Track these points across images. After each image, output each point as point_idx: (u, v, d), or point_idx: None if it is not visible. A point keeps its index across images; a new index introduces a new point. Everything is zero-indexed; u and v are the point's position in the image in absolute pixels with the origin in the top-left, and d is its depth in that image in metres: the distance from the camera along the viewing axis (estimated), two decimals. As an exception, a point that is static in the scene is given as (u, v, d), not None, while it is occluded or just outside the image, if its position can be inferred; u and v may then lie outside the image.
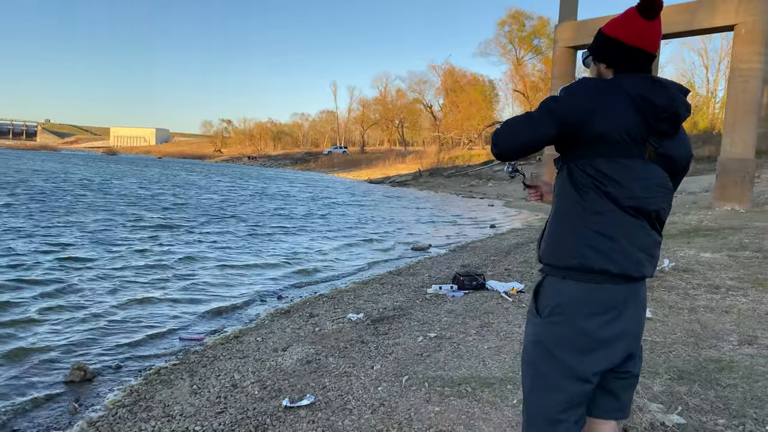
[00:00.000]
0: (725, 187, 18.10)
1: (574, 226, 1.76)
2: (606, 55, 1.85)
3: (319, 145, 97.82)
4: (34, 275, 7.55)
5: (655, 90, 1.72)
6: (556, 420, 1.75)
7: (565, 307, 1.74)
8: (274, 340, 5.19)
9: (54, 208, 15.38)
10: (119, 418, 3.59)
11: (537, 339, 1.80)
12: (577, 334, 1.72)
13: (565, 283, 1.75)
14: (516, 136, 1.79)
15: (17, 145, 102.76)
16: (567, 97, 1.74)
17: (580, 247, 1.72)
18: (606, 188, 1.72)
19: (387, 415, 3.40)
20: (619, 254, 1.71)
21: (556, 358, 1.74)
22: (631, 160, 1.71)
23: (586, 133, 1.70)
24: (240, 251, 10.70)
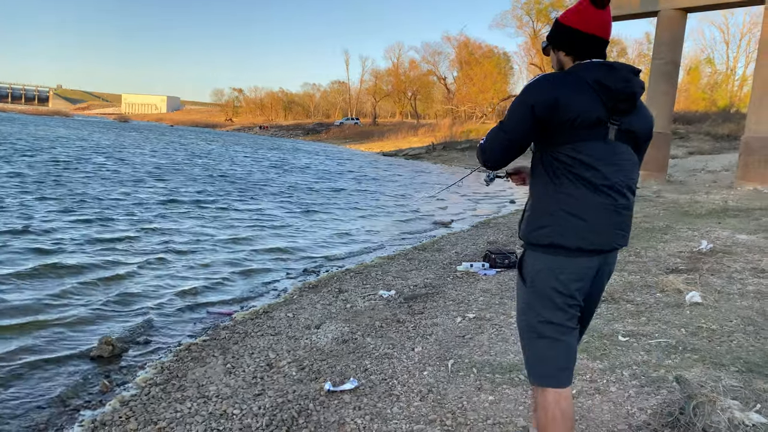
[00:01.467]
0: (748, 167, 17.62)
1: (549, 208, 1.96)
2: (565, 44, 2.04)
3: (330, 116, 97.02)
4: (61, 246, 7.40)
5: (610, 75, 1.91)
6: (558, 367, 2.04)
7: (543, 274, 1.99)
8: (306, 316, 5.01)
9: (83, 180, 15.24)
10: (153, 398, 3.43)
11: (526, 304, 2.07)
12: (556, 294, 1.98)
13: (541, 255, 2.00)
14: (501, 143, 1.99)
15: (30, 110, 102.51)
16: (533, 93, 1.90)
17: (555, 228, 1.94)
18: (577, 171, 1.91)
19: (438, 404, 3.21)
20: (591, 233, 1.93)
21: (543, 317, 2.01)
22: (597, 142, 1.91)
23: (555, 123, 1.89)
24: (263, 225, 10.52)
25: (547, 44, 2.12)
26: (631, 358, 3.73)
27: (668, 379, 3.34)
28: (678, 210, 11.73)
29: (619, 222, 1.99)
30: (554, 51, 2.09)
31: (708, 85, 51.05)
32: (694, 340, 3.99)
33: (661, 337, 4.09)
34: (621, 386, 3.33)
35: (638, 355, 3.78)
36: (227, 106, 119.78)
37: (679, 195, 15.20)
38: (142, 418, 3.14)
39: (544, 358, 2.05)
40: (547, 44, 2.13)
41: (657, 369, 3.53)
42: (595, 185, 1.92)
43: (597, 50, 2.00)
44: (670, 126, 21.02)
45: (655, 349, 3.86)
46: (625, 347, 3.93)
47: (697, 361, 3.62)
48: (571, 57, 2.03)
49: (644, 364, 3.62)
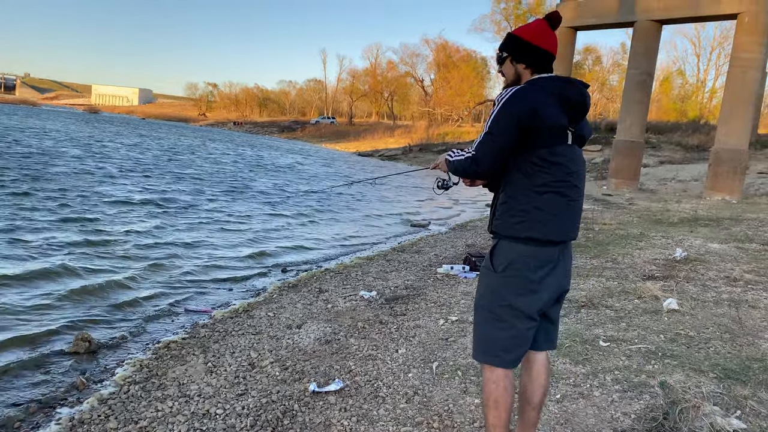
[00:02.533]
0: (717, 177, 18.08)
1: (525, 205, 2.16)
2: (525, 57, 2.28)
3: (306, 114, 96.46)
4: (38, 244, 7.19)
5: (569, 88, 2.19)
6: (506, 349, 2.22)
7: (516, 263, 2.19)
8: (287, 315, 4.96)
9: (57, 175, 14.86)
10: (132, 396, 3.35)
11: (492, 289, 2.24)
12: (526, 282, 2.18)
13: (516, 246, 2.20)
14: (492, 152, 2.16)
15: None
16: (515, 104, 2.12)
17: (529, 223, 2.16)
18: (550, 171, 2.15)
19: (424, 406, 3.20)
20: (557, 227, 2.18)
21: (510, 303, 2.19)
22: (564, 146, 2.19)
23: (534, 130, 2.11)
24: (240, 224, 10.40)
25: (506, 56, 2.33)
26: (613, 363, 3.78)
27: (650, 384, 3.39)
28: (651, 218, 11.97)
29: (576, 216, 2.29)
30: (513, 63, 2.31)
31: (679, 96, 52.28)
32: (673, 347, 4.06)
33: (641, 342, 4.15)
34: (604, 391, 3.37)
35: (620, 360, 3.83)
36: (201, 101, 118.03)
37: (651, 203, 15.51)
38: (122, 417, 3.07)
39: (495, 339, 2.24)
40: (505, 56, 2.33)
41: (638, 374, 3.58)
42: (564, 183, 2.18)
43: (550, 64, 2.29)
44: (643, 135, 21.44)
45: (636, 355, 3.92)
46: (607, 352, 3.98)
47: (677, 367, 3.68)
48: (530, 70, 2.28)
49: (626, 369, 3.67)
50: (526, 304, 2.20)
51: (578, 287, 5.86)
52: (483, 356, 2.28)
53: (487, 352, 2.26)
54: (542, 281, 2.21)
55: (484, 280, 2.32)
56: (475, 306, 2.35)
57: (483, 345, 2.28)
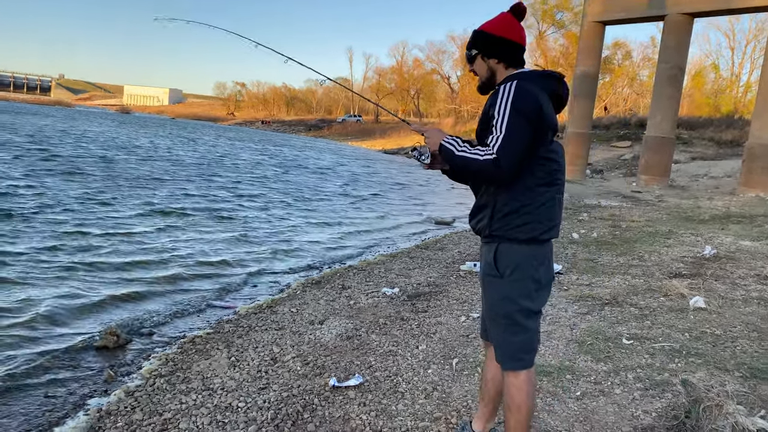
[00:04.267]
0: (752, 173, 17.59)
1: (527, 207, 2.14)
2: (498, 52, 2.24)
3: (332, 113, 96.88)
4: (66, 238, 7.41)
5: (558, 85, 2.21)
6: (528, 350, 2.27)
7: (522, 265, 2.18)
8: (309, 311, 5.01)
9: (106, 175, 15.23)
10: (158, 389, 3.43)
11: (504, 295, 2.21)
12: (532, 282, 2.19)
13: (520, 248, 2.17)
14: (516, 154, 2.05)
15: (32, 99, 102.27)
16: (524, 102, 2.05)
17: (532, 224, 2.14)
18: (549, 169, 2.16)
19: (443, 402, 3.21)
20: (554, 224, 2.21)
21: (522, 306, 2.19)
22: (554, 143, 2.20)
23: (540, 127, 2.08)
24: (267, 221, 10.54)
25: (476, 53, 2.29)
26: (636, 361, 3.74)
27: (673, 382, 3.35)
28: (681, 215, 11.74)
29: (561, 211, 2.31)
30: (484, 60, 2.27)
31: (712, 90, 50.97)
32: (698, 345, 3.99)
33: (665, 341, 4.09)
34: (625, 389, 3.34)
35: (642, 359, 3.79)
36: (229, 100, 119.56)
37: (681, 200, 15.20)
38: (148, 409, 3.15)
39: (514, 343, 2.24)
40: (475, 53, 2.29)
41: (661, 372, 3.54)
42: (557, 180, 2.20)
43: (522, 57, 2.28)
44: (674, 131, 21.00)
45: (660, 353, 3.87)
46: (629, 350, 3.94)
47: (702, 365, 3.62)
48: (503, 64, 2.26)
49: (648, 368, 3.63)
50: (536, 303, 2.23)
51: (602, 285, 5.80)
52: (510, 362, 2.26)
53: (512, 358, 2.26)
54: (543, 277, 2.24)
55: (492, 289, 2.26)
56: (488, 316, 2.33)
57: (506, 352, 2.27)
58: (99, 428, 2.94)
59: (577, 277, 6.18)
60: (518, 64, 2.27)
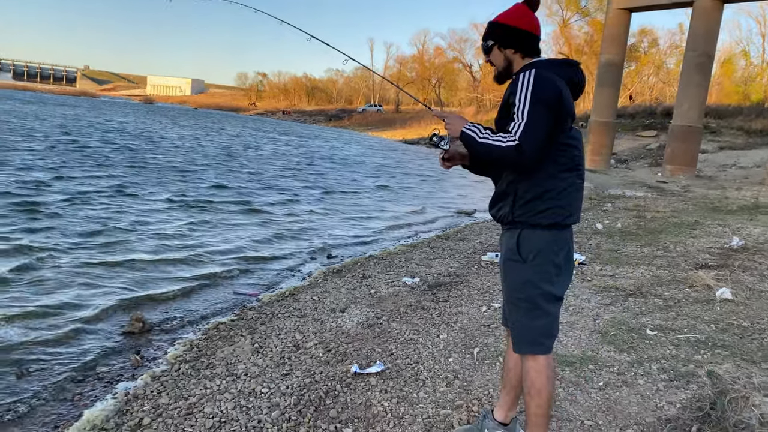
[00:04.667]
0: (782, 163, 17.23)
1: (550, 193, 2.17)
2: (516, 43, 2.29)
3: (352, 102, 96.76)
4: (91, 224, 7.55)
5: (575, 72, 2.25)
6: (549, 335, 2.27)
7: (544, 251, 2.20)
8: (331, 300, 5.05)
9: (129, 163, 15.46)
10: (183, 374, 3.49)
11: (526, 279, 2.22)
12: (553, 267, 2.21)
13: (542, 233, 2.19)
14: (538, 141, 2.05)
15: (58, 90, 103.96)
16: (544, 90, 2.07)
17: (554, 209, 2.17)
18: (570, 156, 2.19)
19: (464, 390, 3.22)
20: (576, 210, 2.25)
21: (544, 290, 2.21)
22: (573, 129, 2.22)
23: (560, 114, 2.10)
24: (288, 211, 10.61)
25: (492, 44, 2.33)
26: (660, 352, 3.70)
27: (698, 374, 3.31)
28: (707, 205, 11.53)
29: (582, 197, 2.34)
30: (501, 50, 2.32)
31: (742, 78, 49.72)
32: (725, 337, 3.94)
33: (691, 332, 4.04)
34: (649, 379, 3.31)
35: (667, 350, 3.75)
36: (251, 91, 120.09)
37: (708, 190, 14.93)
38: (173, 393, 3.21)
39: (535, 328, 2.25)
40: (492, 44, 2.34)
41: (686, 364, 3.50)
42: (577, 167, 2.23)
43: (537, 46, 2.31)
44: (702, 120, 20.59)
45: (684, 344, 3.83)
46: (653, 341, 3.90)
47: (728, 357, 3.57)
48: (520, 54, 2.30)
49: (673, 359, 3.59)
50: (558, 288, 2.25)
51: (626, 275, 5.74)
52: (529, 347, 2.27)
53: (532, 342, 2.27)
54: (564, 262, 2.26)
55: (514, 274, 2.28)
56: (509, 301, 2.34)
57: (526, 336, 2.28)
58: (126, 411, 3.01)
59: (601, 267, 6.12)
60: (534, 54, 2.31)
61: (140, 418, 2.92)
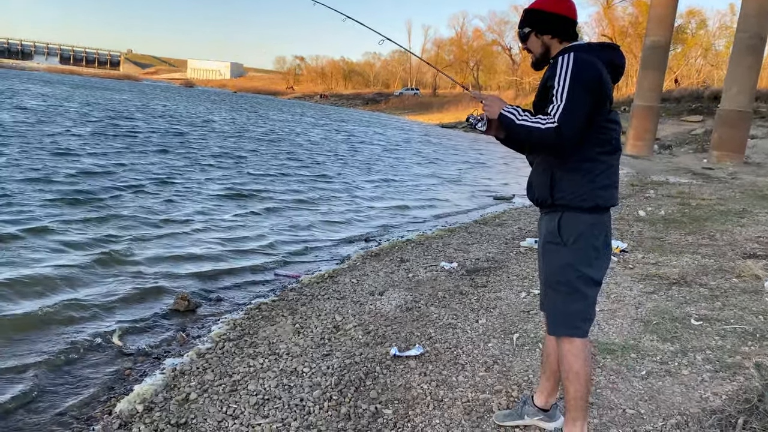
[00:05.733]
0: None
1: (586, 175, 2.17)
2: (553, 29, 2.28)
3: (389, 86, 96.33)
4: (144, 205, 7.78)
5: (615, 55, 2.24)
6: (586, 318, 2.27)
7: (585, 234, 2.20)
8: (369, 282, 5.10)
9: (174, 146, 15.84)
10: (227, 352, 3.59)
11: (566, 262, 2.22)
12: (593, 251, 2.21)
13: (582, 217, 2.19)
14: (577, 122, 2.06)
15: (103, 73, 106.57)
16: (586, 72, 2.07)
17: (594, 191, 2.17)
18: (607, 137, 2.18)
19: (503, 375, 3.23)
20: (615, 192, 2.24)
21: (584, 273, 2.21)
22: (613, 112, 2.21)
23: (600, 96, 2.11)
24: (327, 193, 10.71)
25: (529, 31, 2.32)
26: (705, 343, 3.63)
27: (745, 365, 3.24)
28: (756, 193, 11.15)
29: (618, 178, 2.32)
30: (538, 36, 2.31)
31: (796, 61, 47.54)
32: (774, 328, 3.83)
33: (738, 323, 3.95)
34: (693, 370, 3.25)
35: (712, 340, 3.67)
36: (289, 74, 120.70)
37: (757, 177, 14.42)
38: (218, 371, 3.30)
39: (574, 311, 2.25)
40: (528, 31, 2.33)
41: (732, 355, 3.42)
42: (616, 149, 2.23)
43: (574, 30, 2.31)
44: (752, 104, 19.82)
45: (731, 335, 3.74)
46: (698, 331, 3.82)
47: (777, 349, 3.48)
48: (557, 39, 2.29)
49: (719, 350, 3.51)
50: (597, 272, 2.25)
51: (670, 264, 5.62)
52: (566, 330, 2.27)
53: (569, 325, 2.26)
54: (604, 247, 2.26)
55: (554, 256, 2.27)
56: (547, 283, 2.34)
57: (563, 319, 2.28)
58: (174, 386, 3.12)
59: (643, 255, 6.00)
60: (571, 38, 2.30)
61: (187, 393, 3.02)
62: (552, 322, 2.34)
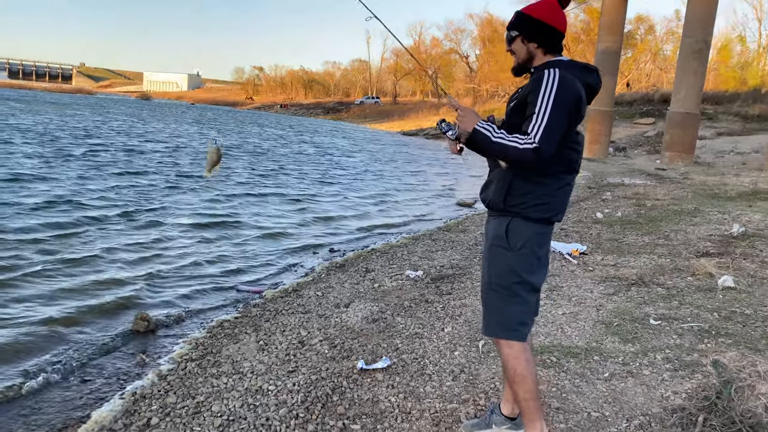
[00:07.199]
0: (781, 148, 17.22)
1: (549, 189, 2.22)
2: (540, 38, 2.26)
3: (350, 95, 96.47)
4: (98, 226, 7.55)
5: (591, 76, 2.25)
6: (523, 323, 2.32)
7: (530, 241, 2.25)
8: (334, 295, 5.06)
9: (116, 162, 15.45)
10: (189, 373, 3.50)
11: (510, 267, 2.28)
12: (535, 259, 2.28)
13: (531, 225, 2.25)
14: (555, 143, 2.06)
15: (54, 87, 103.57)
16: (568, 91, 2.08)
17: (547, 205, 2.22)
18: (569, 157, 2.22)
19: (470, 383, 3.24)
20: (563, 210, 2.31)
21: (524, 279, 2.27)
22: (579, 134, 2.25)
23: (574, 118, 2.12)
24: (288, 205, 10.60)
25: (517, 35, 2.29)
26: (664, 342, 3.72)
27: (702, 363, 3.33)
28: (707, 192, 11.54)
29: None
30: (525, 42, 2.28)
31: (738, 64, 49.61)
32: (728, 325, 3.95)
33: (694, 321, 4.06)
34: (654, 369, 3.33)
35: (671, 339, 3.76)
36: (248, 85, 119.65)
37: (707, 177, 14.93)
38: (181, 392, 3.22)
39: (512, 314, 2.30)
40: (516, 35, 2.30)
41: (690, 353, 3.52)
42: (575, 170, 2.28)
43: (561, 44, 2.30)
44: (699, 106, 20.57)
45: (688, 333, 3.84)
46: (657, 331, 3.92)
47: (732, 345, 3.59)
48: (543, 49, 2.28)
49: (677, 348, 3.60)
50: (537, 279, 2.32)
51: (628, 265, 5.75)
52: (503, 332, 2.31)
53: (507, 327, 2.31)
54: (544, 256, 2.34)
55: (499, 259, 2.30)
56: (487, 285, 2.35)
57: (501, 321, 2.32)
58: (135, 411, 3.02)
59: (602, 257, 6.13)
60: (556, 51, 2.30)
61: (148, 418, 2.93)
62: (489, 322, 2.37)
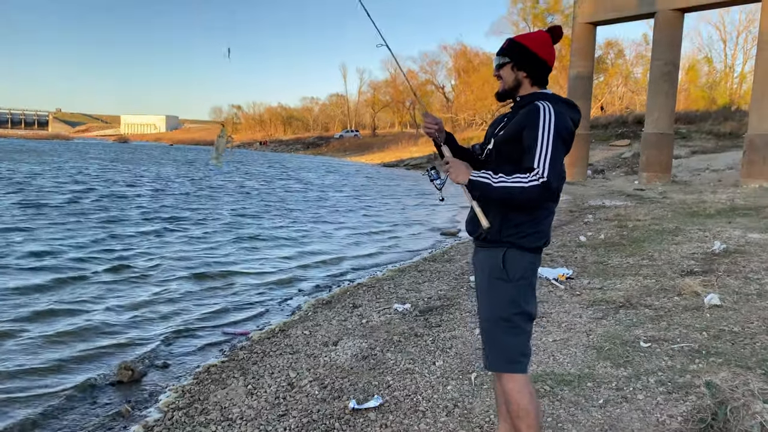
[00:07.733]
0: (753, 164, 17.58)
1: (535, 218, 2.24)
2: (530, 69, 2.31)
3: (329, 129, 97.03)
4: (75, 271, 7.41)
5: (574, 112, 2.30)
6: (525, 354, 2.30)
7: (527, 271, 2.27)
8: (322, 333, 4.99)
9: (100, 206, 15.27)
10: (176, 422, 3.40)
11: (511, 298, 2.26)
12: (530, 288, 2.30)
13: (524, 255, 2.26)
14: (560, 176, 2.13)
15: (30, 134, 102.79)
16: (564, 125, 2.16)
17: (537, 233, 2.25)
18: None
19: (465, 418, 3.18)
20: (550, 235, 2.34)
21: (523, 309, 2.26)
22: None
23: (568, 150, 2.20)
24: (272, 241, 10.53)
25: (507, 61, 2.33)
26: (656, 364, 3.71)
27: (695, 384, 3.31)
28: (686, 210, 11.70)
29: None
30: (514, 70, 2.32)
31: (707, 83, 51.04)
32: (718, 344, 3.96)
33: (684, 341, 4.06)
34: (648, 393, 3.31)
35: (662, 361, 3.75)
36: (226, 123, 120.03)
37: (685, 195, 15.17)
38: (168, 444, 3.12)
39: (514, 346, 2.27)
40: (506, 61, 2.33)
41: (683, 374, 3.50)
42: (558, 197, 2.28)
43: (547, 78, 2.36)
44: (672, 126, 21.02)
45: (679, 354, 3.84)
46: (648, 353, 3.91)
47: (723, 364, 3.59)
48: (530, 80, 2.33)
49: (669, 370, 3.59)
50: (533, 308, 2.32)
51: (615, 287, 5.77)
52: (507, 365, 2.28)
53: (510, 360, 2.27)
54: (534, 283, 2.35)
55: (497, 291, 2.27)
56: (487, 319, 2.32)
57: (504, 355, 2.28)
58: (120, 467, 2.91)
59: (589, 281, 6.15)
60: (542, 84, 2.35)
61: (135, 474, 2.83)
62: (493, 357, 2.33)
